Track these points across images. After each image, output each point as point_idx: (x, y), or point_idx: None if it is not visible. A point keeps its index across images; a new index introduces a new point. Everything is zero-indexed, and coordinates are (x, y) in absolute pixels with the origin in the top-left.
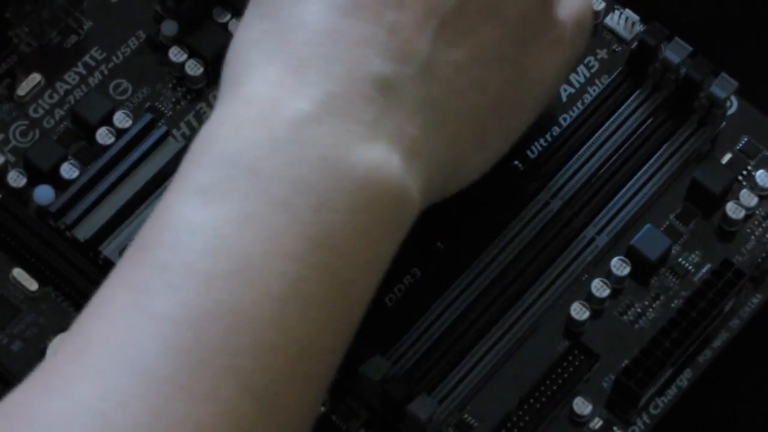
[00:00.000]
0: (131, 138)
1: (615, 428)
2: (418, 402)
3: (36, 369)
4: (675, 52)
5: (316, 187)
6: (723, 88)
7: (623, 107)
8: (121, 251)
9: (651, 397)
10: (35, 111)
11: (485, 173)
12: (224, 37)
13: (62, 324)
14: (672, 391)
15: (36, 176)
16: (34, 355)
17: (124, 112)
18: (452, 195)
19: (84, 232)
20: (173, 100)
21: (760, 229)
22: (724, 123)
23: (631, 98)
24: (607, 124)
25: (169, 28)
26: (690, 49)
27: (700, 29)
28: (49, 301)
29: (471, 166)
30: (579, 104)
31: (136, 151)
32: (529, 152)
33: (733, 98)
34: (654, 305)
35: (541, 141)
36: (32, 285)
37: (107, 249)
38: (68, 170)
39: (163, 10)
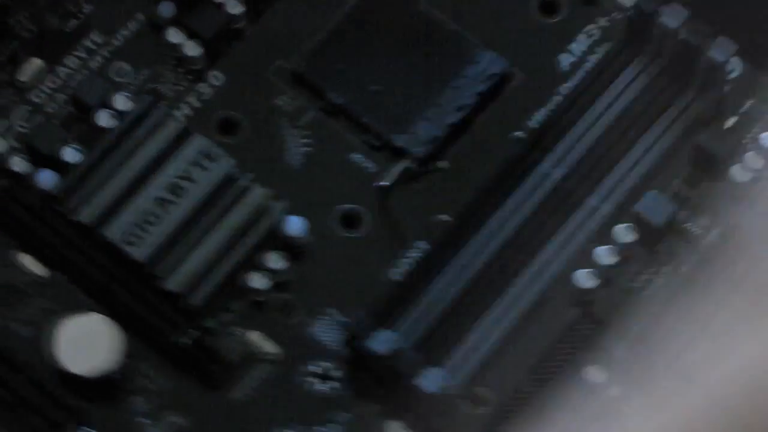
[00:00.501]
0: (132, 120)
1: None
2: (428, 375)
3: None
4: (672, 17)
5: None
6: (722, 52)
7: (624, 75)
8: (123, 233)
9: None
10: (37, 96)
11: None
12: (222, 17)
13: (72, 308)
14: None
15: (38, 161)
16: (45, 339)
17: (125, 95)
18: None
19: (88, 215)
20: (174, 81)
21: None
22: (728, 87)
23: (632, 66)
24: (607, 92)
25: (166, 9)
26: (686, 13)
27: None
28: (58, 285)
29: None
30: (580, 72)
31: (137, 133)
32: (529, 122)
33: (738, 61)
34: (663, 271)
35: (542, 111)
36: (40, 270)
37: (110, 231)
38: (71, 154)
39: None
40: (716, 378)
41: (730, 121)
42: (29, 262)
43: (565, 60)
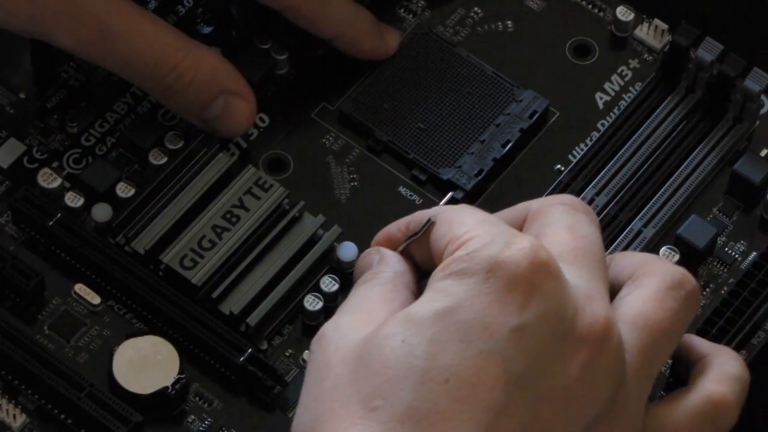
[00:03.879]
0: (185, 155)
1: None
2: None
3: None
4: (707, 50)
5: None
6: (756, 82)
7: (659, 109)
8: (180, 260)
9: None
10: (87, 140)
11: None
12: (268, 62)
13: (127, 332)
14: None
15: (92, 197)
16: (101, 364)
17: (174, 133)
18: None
19: (143, 244)
20: None
21: None
22: (757, 122)
23: (667, 100)
24: (644, 126)
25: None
26: (721, 47)
27: (727, 29)
28: (111, 314)
29: None
30: (615, 110)
31: (189, 166)
32: (570, 156)
33: (764, 98)
34: (704, 293)
35: (581, 145)
36: (94, 299)
37: (167, 258)
38: (124, 189)
39: (204, 38)
40: None
41: (763, 152)
42: (84, 292)
43: (601, 98)
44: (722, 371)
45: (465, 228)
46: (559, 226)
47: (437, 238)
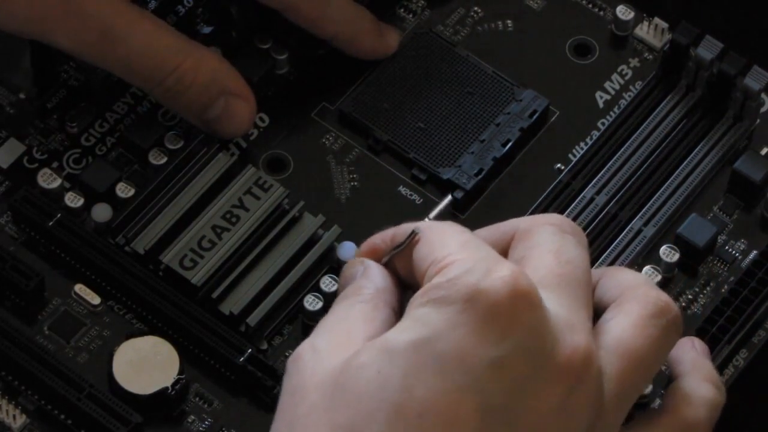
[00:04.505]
0: (184, 155)
1: None
2: None
3: None
4: (707, 49)
5: None
6: (756, 80)
7: (659, 108)
8: (180, 260)
9: None
10: (87, 140)
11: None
12: (267, 62)
13: (127, 332)
14: (729, 371)
15: (92, 197)
16: (101, 365)
17: (174, 133)
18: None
19: (143, 244)
20: None
21: None
22: (758, 120)
23: (667, 99)
24: (644, 125)
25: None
26: (721, 45)
27: (726, 28)
28: (111, 314)
29: None
30: (615, 109)
31: (189, 166)
32: (570, 155)
33: (764, 96)
34: (704, 291)
35: (581, 144)
36: (94, 299)
37: (167, 258)
38: (123, 189)
39: (204, 38)
40: None
41: (763, 150)
42: (84, 292)
43: (601, 97)
44: (698, 395)
45: (447, 250)
46: (544, 249)
47: (419, 258)
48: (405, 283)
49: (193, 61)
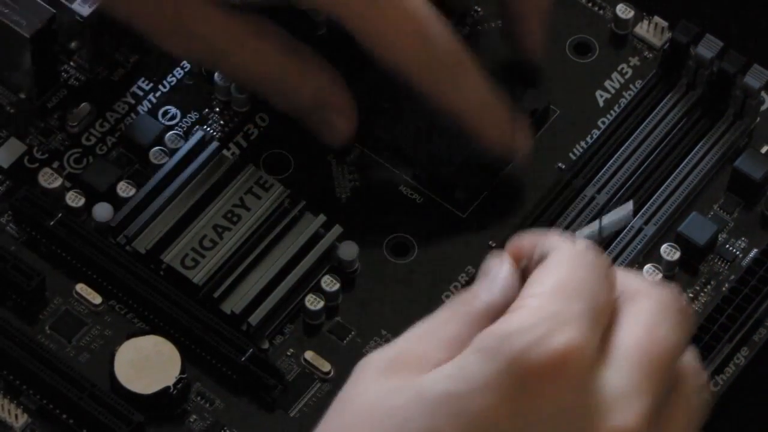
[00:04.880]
0: (185, 154)
1: None
2: None
3: None
4: (707, 47)
5: None
6: (757, 78)
7: (659, 107)
8: (181, 259)
9: (710, 375)
10: (87, 139)
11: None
12: None
13: (128, 332)
14: (730, 369)
15: (93, 197)
16: (103, 364)
17: (175, 133)
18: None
19: (144, 244)
20: (221, 123)
21: None
22: (758, 119)
23: (667, 98)
24: (645, 123)
25: None
26: (721, 44)
27: (726, 26)
28: (113, 313)
29: None
30: (615, 108)
31: (190, 166)
32: (570, 154)
33: (764, 95)
34: (705, 290)
35: (582, 143)
36: (96, 299)
37: (168, 257)
38: (124, 189)
39: None
40: None
41: (764, 149)
42: (86, 292)
43: (601, 96)
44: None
45: (533, 290)
46: (640, 320)
47: (527, 283)
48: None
49: (297, 78)
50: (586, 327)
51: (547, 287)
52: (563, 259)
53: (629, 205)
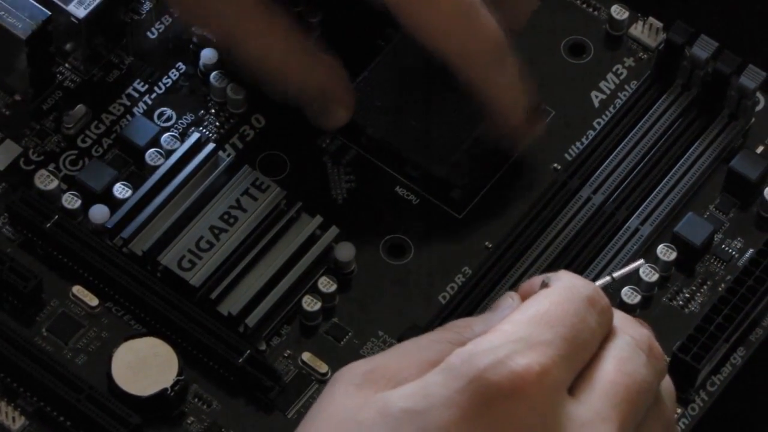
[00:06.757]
0: (181, 156)
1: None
2: None
3: None
4: (702, 48)
5: None
6: (752, 79)
7: (655, 107)
8: (178, 261)
9: (707, 375)
10: (83, 141)
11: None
12: None
13: (125, 334)
14: (727, 369)
15: (89, 199)
16: (100, 366)
17: (171, 135)
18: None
19: (141, 245)
20: (216, 124)
21: None
22: (753, 119)
23: (662, 99)
24: (640, 124)
25: (208, 55)
26: (716, 44)
27: (721, 27)
28: (110, 315)
29: None
30: (611, 108)
31: (186, 168)
32: (566, 155)
33: (759, 95)
34: (702, 290)
35: (577, 144)
36: (93, 301)
37: (165, 259)
38: (121, 191)
39: (200, 40)
40: None
41: (758, 149)
42: (82, 294)
43: (596, 97)
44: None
45: (515, 316)
46: (611, 354)
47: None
48: None
49: (303, 71)
50: (555, 354)
51: (527, 315)
52: (555, 290)
53: (641, 262)
